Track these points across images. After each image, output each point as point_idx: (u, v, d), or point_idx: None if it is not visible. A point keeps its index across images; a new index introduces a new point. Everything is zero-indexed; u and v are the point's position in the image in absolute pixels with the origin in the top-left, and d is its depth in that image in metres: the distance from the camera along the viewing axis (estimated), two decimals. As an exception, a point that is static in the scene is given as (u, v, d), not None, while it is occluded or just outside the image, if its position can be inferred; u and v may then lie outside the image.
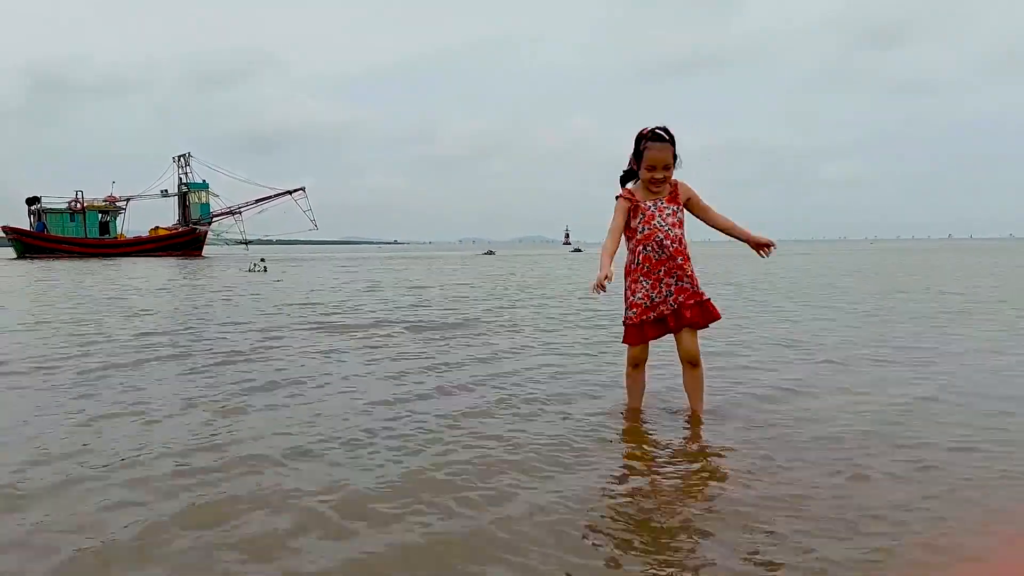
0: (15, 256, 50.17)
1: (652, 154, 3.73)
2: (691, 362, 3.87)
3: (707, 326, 3.89)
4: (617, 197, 3.86)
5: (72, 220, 53.86)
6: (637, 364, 3.97)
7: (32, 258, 47.82)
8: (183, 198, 58.58)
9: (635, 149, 3.80)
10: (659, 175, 3.76)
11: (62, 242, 51.86)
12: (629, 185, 3.90)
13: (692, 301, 3.80)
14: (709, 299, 3.88)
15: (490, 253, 59.16)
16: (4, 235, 51.63)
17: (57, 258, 46.69)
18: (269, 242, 67.95)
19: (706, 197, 3.92)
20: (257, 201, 58.88)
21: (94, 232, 54.58)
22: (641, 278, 3.83)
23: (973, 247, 68.28)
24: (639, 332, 3.85)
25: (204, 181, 58.90)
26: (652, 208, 3.81)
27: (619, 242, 3.83)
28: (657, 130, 3.73)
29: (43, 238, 51.74)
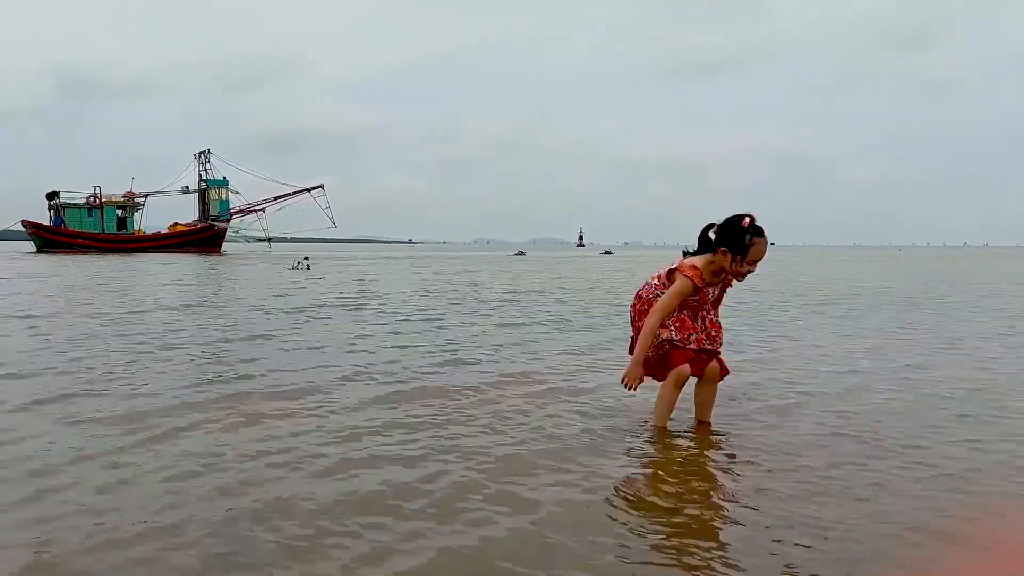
0: (35, 250, 50.23)
1: (759, 249, 3.73)
2: (713, 380, 4.01)
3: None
4: (685, 274, 3.79)
5: (90, 215, 53.77)
6: (681, 384, 3.95)
7: (49, 252, 47.68)
8: (203, 195, 58.10)
9: (734, 237, 3.72)
10: (755, 269, 3.79)
11: (80, 237, 51.80)
12: (698, 263, 3.82)
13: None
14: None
15: (521, 254, 58.94)
16: (24, 229, 51.85)
17: (75, 252, 46.57)
18: (284, 239, 67.53)
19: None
20: (276, 198, 58.40)
21: (111, 227, 54.45)
22: (687, 319, 3.91)
23: (1017, 254, 66.81)
24: (698, 358, 3.90)
25: (224, 178, 58.39)
26: (710, 293, 3.93)
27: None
28: (757, 224, 3.72)
29: (61, 232, 51.81)
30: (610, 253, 72.11)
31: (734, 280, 3.93)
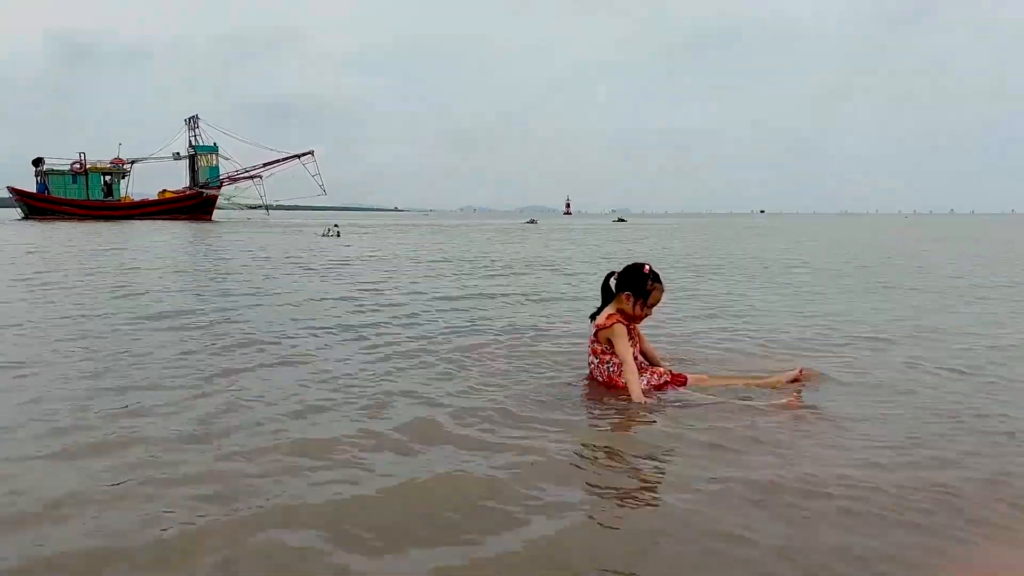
0: (21, 217, 49.52)
1: (658, 296, 4.15)
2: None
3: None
4: (611, 323, 4.11)
5: (74, 182, 52.59)
6: None
7: (34, 219, 46.91)
8: (192, 161, 56.85)
9: (637, 283, 4.10)
10: (651, 314, 4.24)
11: (65, 204, 50.86)
12: (610, 310, 4.16)
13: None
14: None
15: (532, 222, 58.72)
16: (11, 195, 50.99)
17: (59, 219, 45.81)
18: (271, 207, 66.66)
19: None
20: (265, 165, 57.13)
21: (97, 194, 53.26)
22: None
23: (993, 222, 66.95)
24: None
25: (214, 144, 57.11)
26: (637, 329, 4.30)
27: None
28: (656, 271, 4.14)
29: (47, 199, 50.85)
30: (623, 220, 71.68)
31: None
